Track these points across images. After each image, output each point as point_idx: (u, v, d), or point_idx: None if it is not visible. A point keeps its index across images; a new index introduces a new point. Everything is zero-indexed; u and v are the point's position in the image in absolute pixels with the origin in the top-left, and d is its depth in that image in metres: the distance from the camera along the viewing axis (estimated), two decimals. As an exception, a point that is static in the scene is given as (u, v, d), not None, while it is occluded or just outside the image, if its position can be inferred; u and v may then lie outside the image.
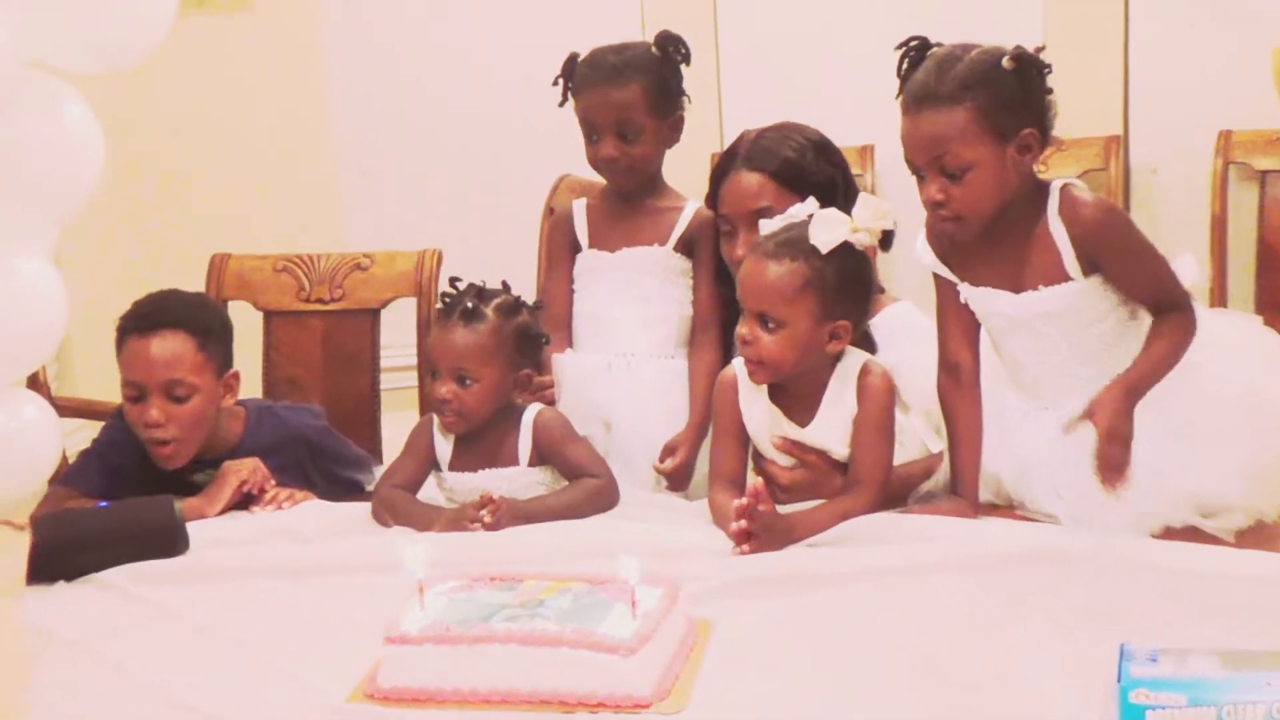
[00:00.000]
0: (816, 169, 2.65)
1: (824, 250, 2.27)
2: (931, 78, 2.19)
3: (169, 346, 2.54)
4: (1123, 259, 2.22)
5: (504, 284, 2.58)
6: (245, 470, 2.60)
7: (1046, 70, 2.21)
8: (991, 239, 2.27)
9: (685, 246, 2.80)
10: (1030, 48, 2.21)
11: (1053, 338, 2.28)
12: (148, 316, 2.57)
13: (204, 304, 2.75)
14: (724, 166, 2.70)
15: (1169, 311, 2.22)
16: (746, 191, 2.64)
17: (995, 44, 2.22)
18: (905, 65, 2.25)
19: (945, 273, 2.35)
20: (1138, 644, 1.62)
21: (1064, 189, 2.25)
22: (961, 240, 2.28)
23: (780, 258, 2.30)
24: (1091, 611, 1.92)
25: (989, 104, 2.16)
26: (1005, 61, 2.17)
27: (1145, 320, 2.26)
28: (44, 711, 1.83)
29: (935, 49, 2.24)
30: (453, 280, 2.60)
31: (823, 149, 2.69)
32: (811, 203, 2.37)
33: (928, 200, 2.22)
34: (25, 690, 1.79)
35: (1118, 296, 2.26)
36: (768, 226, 2.39)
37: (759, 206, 2.59)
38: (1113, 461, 2.13)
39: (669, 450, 2.69)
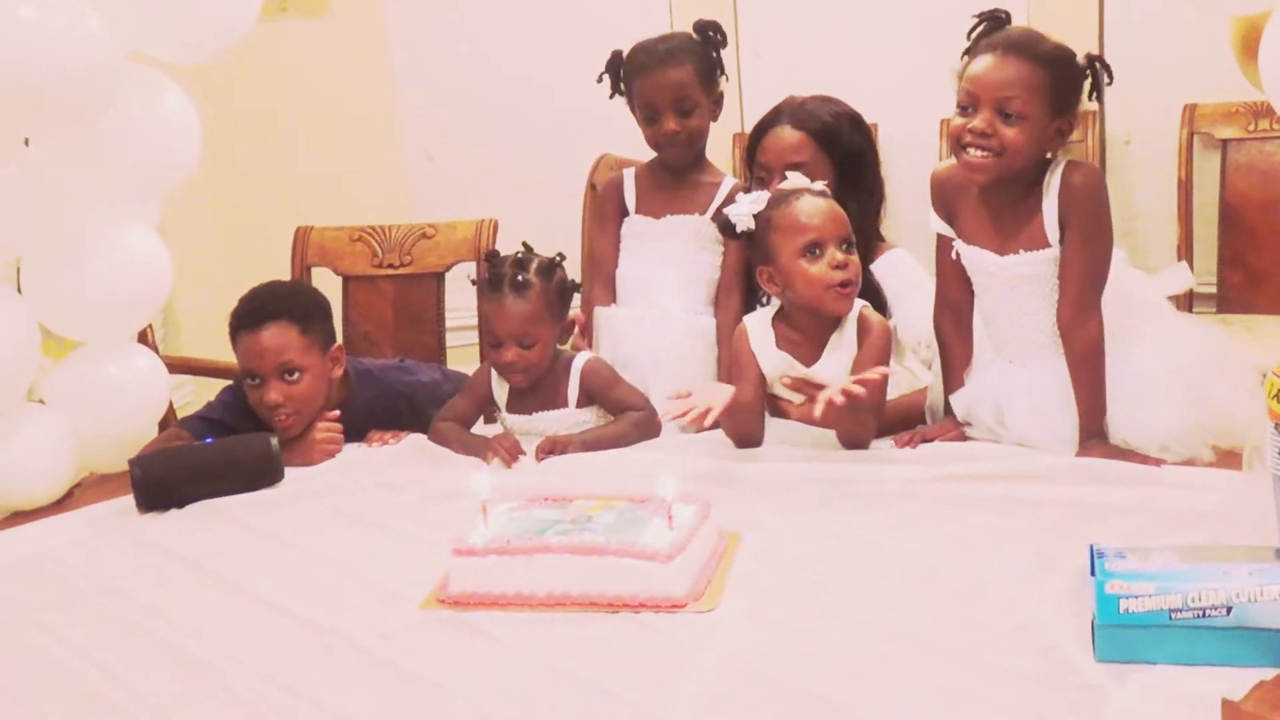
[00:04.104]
0: (849, 137, 2.69)
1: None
2: (1027, 37, 2.22)
3: (277, 335, 2.53)
4: (1081, 230, 2.20)
5: (525, 245, 2.58)
6: (324, 439, 2.59)
7: (1108, 82, 2.24)
8: (991, 205, 2.28)
9: None
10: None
11: (1026, 296, 2.28)
12: (254, 313, 2.56)
13: (300, 291, 2.72)
14: (769, 121, 2.71)
15: (1081, 323, 2.20)
16: (788, 145, 2.66)
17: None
18: (982, 29, 2.25)
19: (948, 231, 2.36)
20: (1105, 544, 1.62)
21: (1071, 160, 2.25)
22: (981, 180, 2.25)
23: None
24: (1060, 518, 1.95)
25: (1062, 80, 2.20)
26: (1081, 58, 2.22)
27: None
28: (162, 622, 1.87)
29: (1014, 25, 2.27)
30: (488, 255, 2.61)
31: (856, 122, 2.73)
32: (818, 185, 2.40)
33: (972, 130, 2.19)
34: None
35: None
36: (793, 180, 2.41)
37: (796, 161, 2.61)
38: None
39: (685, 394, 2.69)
